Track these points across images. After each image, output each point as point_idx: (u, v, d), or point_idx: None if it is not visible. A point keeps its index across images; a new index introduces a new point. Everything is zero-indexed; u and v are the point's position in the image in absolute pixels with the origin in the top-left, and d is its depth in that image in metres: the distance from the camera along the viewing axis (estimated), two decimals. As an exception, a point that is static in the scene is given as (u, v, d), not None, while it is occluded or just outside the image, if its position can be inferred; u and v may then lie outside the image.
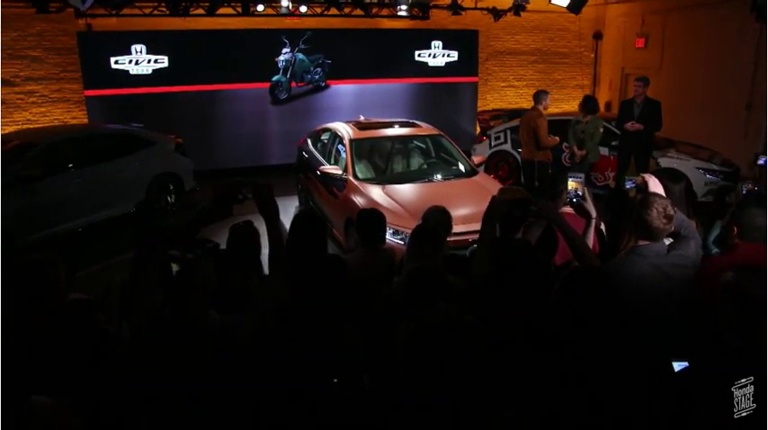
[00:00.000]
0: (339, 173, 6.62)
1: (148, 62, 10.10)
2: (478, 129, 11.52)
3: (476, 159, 7.40)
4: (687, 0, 10.79)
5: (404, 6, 10.45)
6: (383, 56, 11.49)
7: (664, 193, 2.95)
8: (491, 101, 13.43)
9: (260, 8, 10.40)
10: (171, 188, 8.50)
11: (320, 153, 7.78)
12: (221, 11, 10.51)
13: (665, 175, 3.32)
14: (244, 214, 3.01)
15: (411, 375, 2.27)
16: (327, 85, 11.26)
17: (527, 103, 10.27)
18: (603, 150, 8.37)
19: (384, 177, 6.74)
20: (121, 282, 2.89)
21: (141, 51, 10.02)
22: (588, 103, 7.74)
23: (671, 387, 2.04)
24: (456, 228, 3.63)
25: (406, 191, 6.23)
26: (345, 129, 7.33)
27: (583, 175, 3.05)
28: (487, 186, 6.14)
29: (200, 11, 10.42)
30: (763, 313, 1.88)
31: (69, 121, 10.55)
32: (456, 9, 10.83)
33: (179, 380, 2.20)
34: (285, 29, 10.93)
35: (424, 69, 11.85)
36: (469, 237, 4.36)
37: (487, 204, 2.86)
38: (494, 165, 9.90)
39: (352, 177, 6.49)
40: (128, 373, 2.29)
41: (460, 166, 7.06)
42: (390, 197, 6.00)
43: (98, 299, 2.85)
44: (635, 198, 3.09)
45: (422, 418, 2.18)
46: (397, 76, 11.65)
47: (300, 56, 10.88)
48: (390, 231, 5.02)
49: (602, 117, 8.10)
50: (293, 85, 10.99)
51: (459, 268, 2.99)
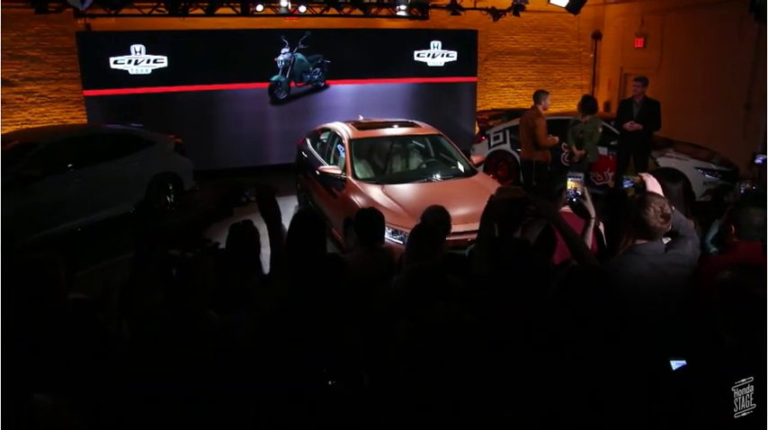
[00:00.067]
0: (338, 172, 6.62)
1: (148, 62, 10.09)
2: (477, 129, 11.54)
3: (475, 159, 7.41)
4: (686, 0, 10.80)
5: (403, 6, 10.44)
6: (382, 56, 11.49)
7: (662, 193, 2.95)
8: (490, 101, 13.44)
9: (259, 8, 10.41)
10: (170, 188, 8.50)
11: (319, 153, 7.78)
12: (220, 11, 10.51)
13: (663, 175, 3.31)
14: (244, 214, 3.01)
15: (411, 375, 2.27)
16: (326, 85, 11.25)
17: (526, 103, 10.28)
18: (602, 150, 8.37)
19: (383, 177, 6.75)
20: (121, 281, 2.90)
21: (140, 51, 10.01)
22: (587, 103, 7.74)
23: (671, 387, 2.04)
24: (455, 227, 3.64)
25: (405, 190, 6.24)
26: (344, 129, 7.33)
27: (582, 175, 3.05)
28: (486, 186, 6.14)
29: (199, 11, 10.42)
30: (762, 311, 1.88)
31: (68, 121, 10.55)
32: (455, 9, 10.84)
33: (179, 380, 2.20)
34: (284, 29, 10.92)
35: (423, 69, 11.85)
36: (468, 236, 4.35)
37: (486, 204, 2.86)
38: (493, 165, 9.90)
39: (351, 177, 6.50)
40: (128, 373, 2.29)
41: (459, 166, 7.06)
42: (389, 197, 6.01)
43: (98, 298, 2.86)
44: (633, 197, 3.09)
45: (422, 418, 2.18)
46: (397, 76, 11.65)
47: (299, 56, 10.88)
48: (389, 231, 5.03)
49: (601, 117, 8.11)
50: (292, 84, 10.98)
51: (459, 268, 2.98)
